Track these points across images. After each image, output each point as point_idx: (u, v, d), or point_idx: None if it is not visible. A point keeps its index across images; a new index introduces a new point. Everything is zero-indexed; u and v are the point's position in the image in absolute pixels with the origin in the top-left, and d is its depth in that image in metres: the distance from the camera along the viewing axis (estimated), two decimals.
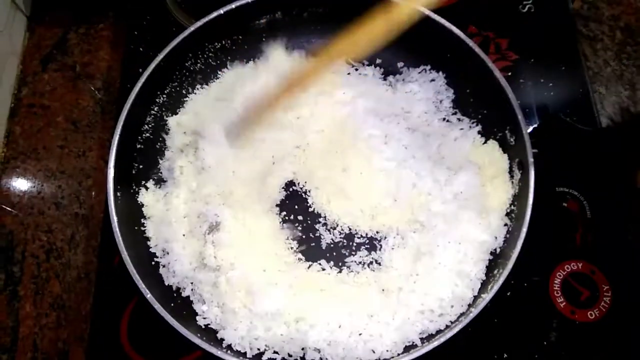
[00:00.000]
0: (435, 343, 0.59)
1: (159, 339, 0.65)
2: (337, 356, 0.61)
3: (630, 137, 0.77)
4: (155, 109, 0.72)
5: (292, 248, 0.69)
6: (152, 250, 0.68)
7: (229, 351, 0.60)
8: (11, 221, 0.76)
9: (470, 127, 0.73)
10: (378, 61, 0.77)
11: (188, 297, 0.66)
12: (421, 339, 0.62)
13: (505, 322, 0.67)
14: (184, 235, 0.67)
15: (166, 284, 0.66)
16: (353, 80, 0.74)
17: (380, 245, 0.68)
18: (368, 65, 0.76)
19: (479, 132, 0.72)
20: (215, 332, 0.63)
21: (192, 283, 0.66)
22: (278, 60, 0.71)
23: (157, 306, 0.59)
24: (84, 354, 0.69)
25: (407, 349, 0.62)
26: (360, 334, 0.62)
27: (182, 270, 0.66)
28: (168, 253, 0.67)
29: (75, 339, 0.70)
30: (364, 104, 0.72)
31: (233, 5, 0.70)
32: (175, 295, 0.66)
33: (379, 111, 0.72)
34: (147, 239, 0.68)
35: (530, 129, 0.75)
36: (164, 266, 0.67)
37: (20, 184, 0.78)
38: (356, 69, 0.76)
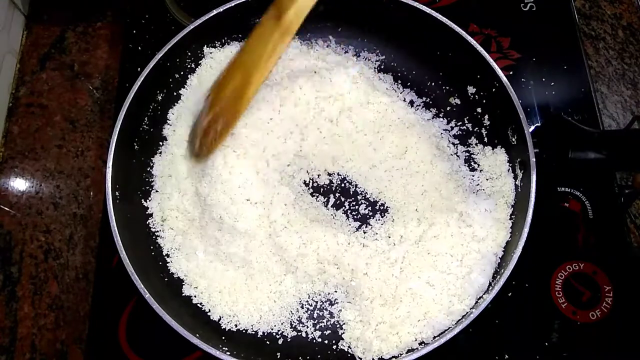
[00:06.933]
0: (436, 344, 0.58)
1: (158, 340, 0.64)
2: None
3: (632, 136, 0.77)
4: (154, 108, 0.72)
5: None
6: (159, 245, 0.68)
7: (228, 351, 0.60)
8: (9, 221, 0.75)
9: (471, 126, 0.72)
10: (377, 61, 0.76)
11: (188, 296, 0.65)
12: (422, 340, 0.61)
13: (506, 322, 0.67)
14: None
15: (166, 283, 0.66)
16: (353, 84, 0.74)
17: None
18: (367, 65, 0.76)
19: (480, 132, 0.72)
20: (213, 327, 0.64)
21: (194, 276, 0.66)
22: None
23: (156, 306, 0.58)
24: (83, 354, 0.69)
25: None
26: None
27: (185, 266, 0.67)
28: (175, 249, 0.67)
29: (73, 340, 0.70)
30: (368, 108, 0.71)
31: (232, 4, 0.70)
32: (174, 295, 0.65)
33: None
34: (146, 238, 0.68)
35: (532, 129, 0.75)
36: (163, 264, 0.67)
37: (18, 184, 0.78)
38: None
